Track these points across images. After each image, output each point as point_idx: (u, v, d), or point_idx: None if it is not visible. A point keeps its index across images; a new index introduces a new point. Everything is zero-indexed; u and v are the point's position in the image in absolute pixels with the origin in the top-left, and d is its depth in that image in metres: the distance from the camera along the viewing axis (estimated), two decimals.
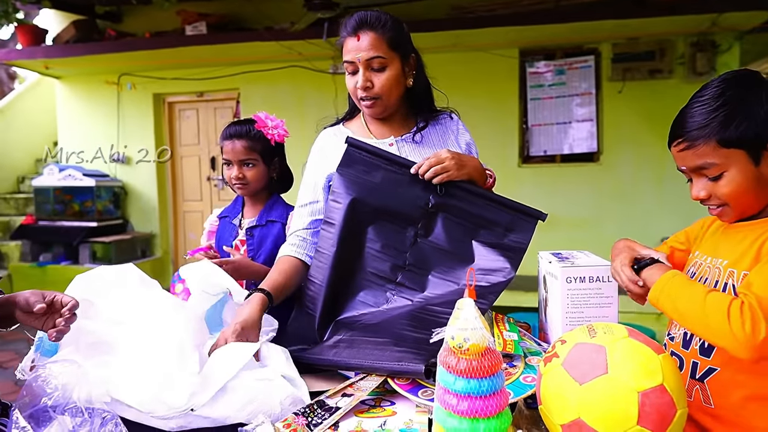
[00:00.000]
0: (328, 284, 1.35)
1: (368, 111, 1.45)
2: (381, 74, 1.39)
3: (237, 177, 1.65)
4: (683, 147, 1.00)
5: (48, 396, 1.05)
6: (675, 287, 0.97)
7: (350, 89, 1.44)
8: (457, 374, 0.84)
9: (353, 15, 1.42)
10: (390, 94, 1.42)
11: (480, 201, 1.35)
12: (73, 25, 5.27)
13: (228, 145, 1.67)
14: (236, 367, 0.98)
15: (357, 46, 1.37)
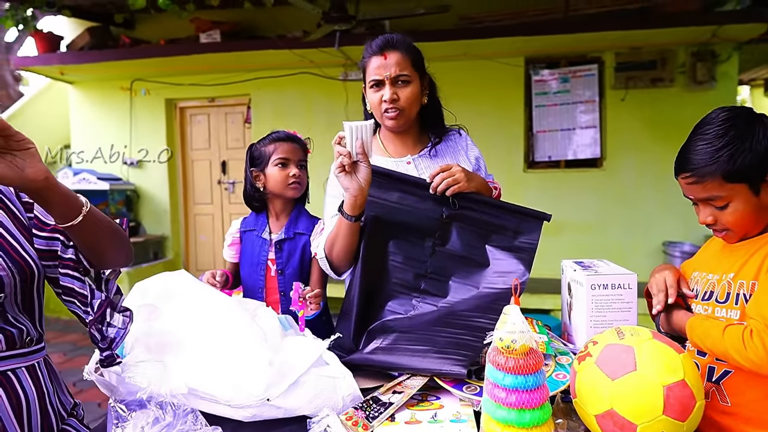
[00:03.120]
0: (359, 296, 1.47)
1: (391, 123, 1.58)
2: (405, 89, 1.54)
3: (297, 175, 1.71)
4: (691, 181, 1.13)
5: (134, 392, 1.18)
6: (699, 331, 1.13)
7: (374, 103, 1.57)
8: (506, 371, 0.97)
9: (378, 37, 1.57)
10: (412, 107, 1.57)
11: (489, 209, 1.48)
12: (87, 32, 5.39)
13: (287, 146, 1.73)
14: (308, 363, 1.11)
15: (384, 64, 1.52)
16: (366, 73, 1.58)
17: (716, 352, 1.09)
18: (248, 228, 1.78)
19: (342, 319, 1.52)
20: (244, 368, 1.10)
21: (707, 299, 1.19)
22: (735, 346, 1.04)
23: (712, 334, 1.09)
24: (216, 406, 1.12)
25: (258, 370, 1.09)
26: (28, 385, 1.09)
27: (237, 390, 1.08)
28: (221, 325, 1.24)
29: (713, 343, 1.09)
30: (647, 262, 4.78)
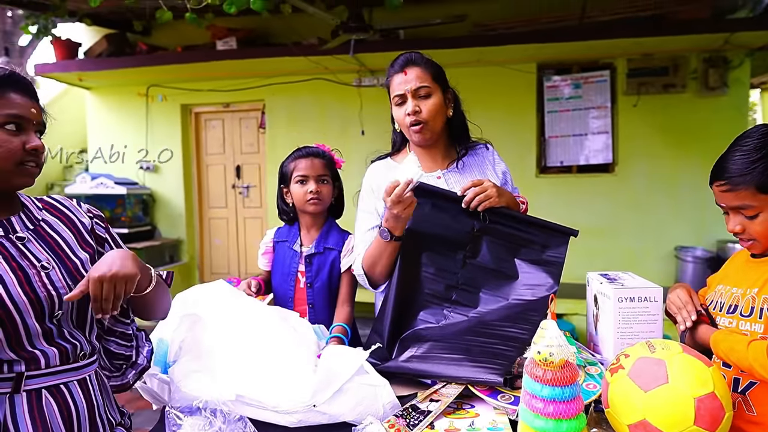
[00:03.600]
0: (393, 306, 1.53)
1: (417, 137, 1.63)
2: (427, 101, 1.60)
3: (315, 191, 1.73)
4: (725, 189, 1.18)
5: (182, 399, 1.24)
6: (723, 346, 1.18)
7: (400, 119, 1.64)
8: (544, 383, 1.03)
9: (399, 56, 1.64)
10: (435, 119, 1.62)
11: (518, 223, 1.53)
12: (105, 38, 5.48)
13: (305, 162, 1.75)
14: (351, 371, 1.17)
15: (405, 80, 1.59)
16: (390, 91, 1.64)
17: (741, 366, 1.14)
18: (281, 239, 1.83)
19: (376, 328, 1.58)
20: (290, 375, 1.16)
21: (731, 312, 1.24)
22: (759, 361, 1.09)
23: (737, 348, 1.14)
24: (263, 412, 1.18)
25: (304, 377, 1.15)
26: (79, 398, 1.13)
27: (284, 396, 1.14)
28: (264, 333, 1.30)
29: (738, 358, 1.14)
30: (659, 266, 4.81)
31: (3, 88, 1.09)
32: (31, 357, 1.05)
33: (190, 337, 1.35)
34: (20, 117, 1.10)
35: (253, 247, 5.99)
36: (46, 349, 1.08)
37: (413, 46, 4.59)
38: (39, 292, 1.07)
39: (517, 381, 1.30)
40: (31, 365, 1.05)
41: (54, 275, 1.11)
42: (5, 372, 1.03)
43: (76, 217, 1.26)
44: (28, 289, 1.06)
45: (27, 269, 1.09)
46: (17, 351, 1.04)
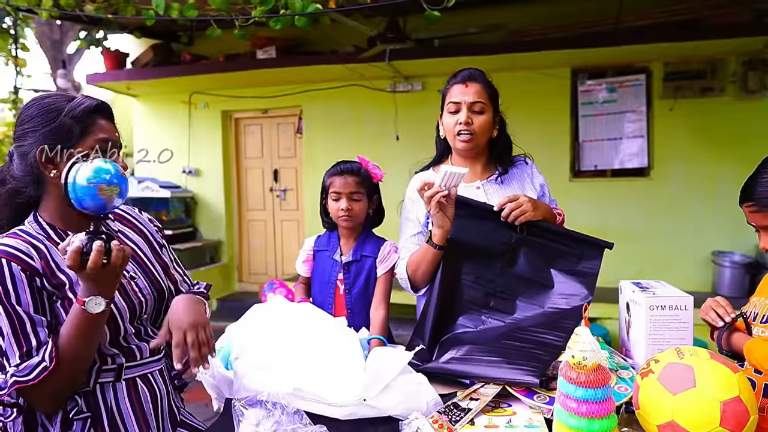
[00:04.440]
0: (435, 312, 1.63)
1: (462, 146, 1.74)
2: (480, 116, 1.71)
3: (346, 209, 1.80)
4: (754, 209, 1.25)
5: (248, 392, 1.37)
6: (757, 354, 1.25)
7: (449, 126, 1.75)
8: (578, 384, 1.12)
9: (464, 69, 1.76)
10: (483, 135, 1.74)
11: (554, 235, 1.62)
12: (151, 49, 5.74)
13: (339, 180, 1.82)
14: (397, 369, 1.28)
15: (465, 91, 1.71)
16: (446, 98, 1.76)
17: None
18: (321, 248, 1.91)
19: (417, 331, 1.69)
20: (342, 372, 1.28)
21: (765, 322, 1.30)
22: None
23: None
24: (317, 405, 1.29)
25: (355, 374, 1.27)
26: (161, 384, 1.32)
27: (337, 391, 1.25)
28: (318, 334, 1.42)
29: None
30: (695, 271, 4.77)
31: (93, 115, 1.20)
32: (128, 351, 1.23)
33: (252, 337, 1.48)
34: (109, 141, 1.22)
35: (289, 249, 6.18)
36: (139, 344, 1.24)
37: (448, 54, 4.70)
38: (133, 299, 1.23)
39: (551, 382, 1.38)
40: (129, 358, 1.22)
41: (140, 283, 1.27)
42: (109, 364, 1.20)
43: (144, 227, 1.42)
44: (126, 298, 1.23)
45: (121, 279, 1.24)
46: (118, 346, 1.21)
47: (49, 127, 1.16)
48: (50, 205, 1.22)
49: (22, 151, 1.18)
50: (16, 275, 1.09)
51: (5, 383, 1.05)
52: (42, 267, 1.13)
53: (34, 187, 1.20)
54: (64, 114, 1.16)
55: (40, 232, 1.19)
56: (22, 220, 1.23)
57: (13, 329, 1.07)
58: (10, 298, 1.07)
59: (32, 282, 1.10)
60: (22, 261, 1.11)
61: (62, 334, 1.11)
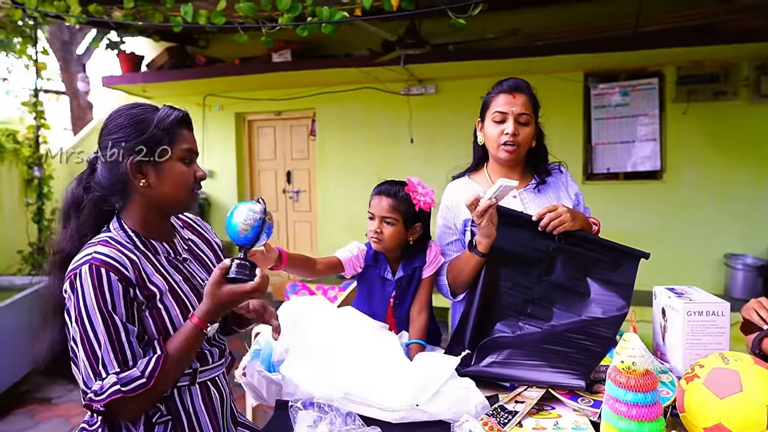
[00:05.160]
0: (475, 317, 1.68)
1: (506, 156, 1.78)
2: (525, 128, 1.75)
3: (375, 231, 1.74)
4: None
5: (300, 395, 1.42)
6: None
7: (493, 135, 1.78)
8: (627, 389, 1.16)
9: (509, 78, 1.79)
10: (525, 146, 1.78)
11: (590, 244, 1.67)
12: (166, 51, 5.79)
13: (375, 200, 1.77)
14: (447, 374, 1.32)
15: (513, 102, 1.74)
16: (490, 106, 1.79)
17: None
18: (370, 263, 1.82)
19: (456, 336, 1.73)
20: (394, 377, 1.33)
21: None
22: None
23: None
24: (368, 409, 1.34)
25: (408, 379, 1.31)
26: (225, 387, 1.38)
27: (389, 395, 1.30)
28: (362, 338, 1.47)
29: None
30: (708, 273, 4.81)
31: (179, 126, 1.25)
32: (202, 356, 1.28)
33: (296, 340, 1.53)
34: (192, 151, 1.28)
35: (302, 250, 6.22)
36: (210, 349, 1.30)
37: (463, 58, 4.74)
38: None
39: (594, 386, 1.43)
40: (202, 362, 1.27)
41: None
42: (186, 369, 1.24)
43: (209, 236, 1.46)
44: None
45: (199, 288, 1.29)
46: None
47: (140, 138, 1.19)
48: (135, 213, 1.25)
49: (109, 161, 1.21)
50: (113, 285, 1.11)
51: (102, 389, 1.07)
52: (135, 277, 1.16)
53: (121, 195, 1.23)
54: (154, 126, 1.20)
55: (128, 240, 1.23)
56: (103, 226, 1.26)
57: (109, 337, 1.10)
58: (108, 306, 1.10)
59: (126, 292, 1.14)
60: (119, 271, 1.13)
61: (171, 351, 1.15)
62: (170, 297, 1.22)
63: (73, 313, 1.10)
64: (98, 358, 1.09)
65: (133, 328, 1.14)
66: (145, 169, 1.21)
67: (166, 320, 1.20)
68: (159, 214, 1.29)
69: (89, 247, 1.16)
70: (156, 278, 1.21)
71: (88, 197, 1.24)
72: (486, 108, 1.82)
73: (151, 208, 1.26)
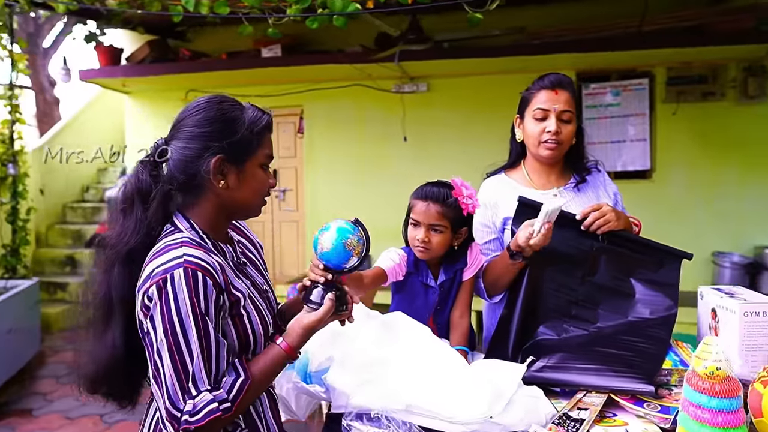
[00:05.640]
0: (519, 320, 1.62)
1: (548, 154, 1.73)
2: (568, 125, 1.71)
3: (422, 240, 1.62)
4: None
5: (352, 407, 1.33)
6: None
7: (534, 133, 1.73)
8: (711, 395, 1.12)
9: (550, 74, 1.74)
10: (568, 143, 1.74)
11: (633, 244, 1.63)
12: (147, 44, 5.56)
13: (421, 206, 1.64)
14: (515, 383, 1.26)
15: (555, 99, 1.69)
16: (531, 103, 1.73)
17: None
18: (411, 270, 1.71)
19: (496, 340, 1.67)
20: (464, 386, 1.25)
21: None
22: None
23: None
24: (434, 422, 1.26)
25: (478, 389, 1.24)
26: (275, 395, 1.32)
27: (459, 407, 1.23)
28: (422, 345, 1.39)
29: None
30: (696, 271, 4.88)
31: (266, 130, 1.20)
32: None
33: (342, 349, 1.44)
34: (271, 157, 1.22)
35: (289, 251, 6.09)
36: None
37: (459, 55, 4.70)
38: (271, 312, 1.20)
39: (658, 390, 1.39)
40: None
41: (271, 296, 1.23)
42: None
43: (252, 237, 1.38)
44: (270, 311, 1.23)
45: (262, 293, 1.22)
46: None
47: (231, 138, 1.12)
48: (204, 213, 1.17)
49: (189, 154, 1.12)
50: (209, 291, 1.02)
51: (195, 409, 0.98)
52: (224, 282, 1.08)
53: (191, 192, 1.15)
54: (247, 127, 1.15)
55: (203, 242, 1.14)
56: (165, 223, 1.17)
57: (202, 350, 1.00)
58: (204, 316, 1.01)
59: (217, 300, 1.05)
60: (213, 276, 1.04)
61: (256, 374, 1.08)
62: (249, 303, 1.14)
63: (160, 322, 0.99)
64: (189, 373, 0.99)
65: (224, 341, 1.05)
66: (227, 169, 1.13)
67: (248, 328, 1.12)
68: (226, 218, 1.21)
69: (173, 248, 1.06)
70: (237, 282, 1.13)
71: (157, 187, 1.13)
72: (526, 104, 1.77)
73: (222, 209, 1.18)
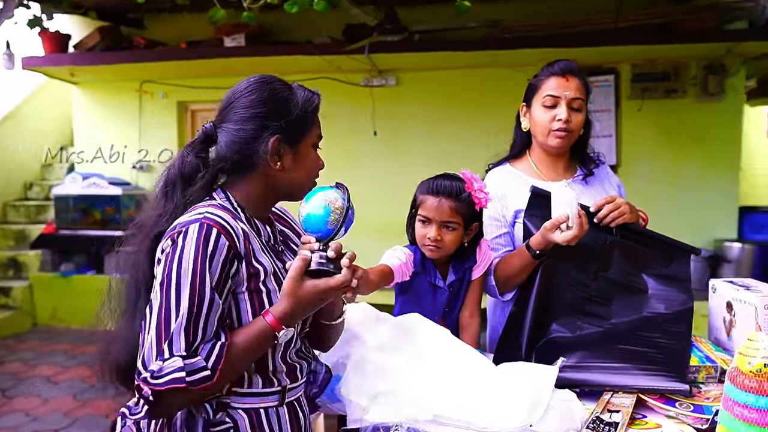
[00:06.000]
0: (532, 317, 1.55)
1: (557, 143, 1.66)
2: (578, 114, 1.64)
3: (434, 239, 1.51)
4: None
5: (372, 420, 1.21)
6: None
7: (543, 121, 1.66)
8: (760, 393, 1.06)
9: (561, 60, 1.66)
10: (577, 132, 1.68)
11: (644, 238, 1.59)
12: (98, 31, 5.21)
13: (432, 202, 1.53)
14: (550, 387, 1.17)
15: (565, 86, 1.62)
16: (539, 90, 1.66)
17: None
18: (418, 270, 1.60)
19: (505, 339, 1.59)
20: (498, 393, 1.15)
21: None
22: None
23: None
24: None
25: (514, 395, 1.14)
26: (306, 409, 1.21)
27: (495, 418, 1.13)
28: (444, 349, 1.28)
29: None
30: None
31: (317, 110, 1.16)
32: (291, 369, 1.13)
33: (355, 356, 1.32)
34: (321, 138, 1.19)
35: None
36: (299, 361, 1.17)
37: (429, 48, 4.62)
38: None
39: None
40: (290, 376, 1.13)
41: None
42: (275, 386, 1.10)
43: (297, 227, 1.30)
44: None
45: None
46: (286, 362, 1.12)
47: (286, 119, 1.10)
48: (248, 190, 1.14)
49: (243, 135, 1.09)
50: (219, 247, 0.99)
51: (160, 371, 0.92)
52: (244, 249, 1.04)
53: (241, 171, 1.12)
54: (301, 107, 1.13)
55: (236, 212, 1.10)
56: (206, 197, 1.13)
57: (190, 310, 0.96)
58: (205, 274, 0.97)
59: (230, 263, 1.01)
60: (230, 236, 1.01)
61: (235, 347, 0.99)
62: (273, 280, 1.08)
63: (160, 274, 0.98)
64: (169, 332, 0.95)
65: (219, 302, 0.99)
66: (284, 150, 1.12)
67: (267, 304, 1.05)
68: (273, 198, 1.19)
69: (197, 209, 1.04)
70: (262, 256, 1.08)
71: (205, 169, 1.11)
72: (534, 91, 1.70)
73: (270, 190, 1.15)
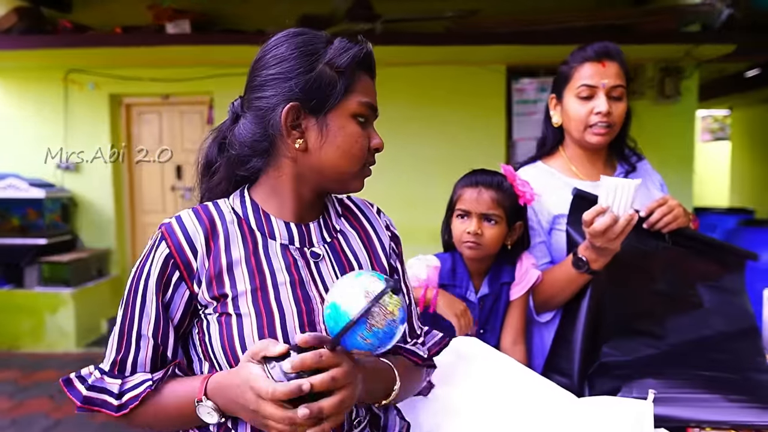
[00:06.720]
0: (583, 340, 1.33)
1: (598, 140, 1.45)
2: (619, 104, 1.43)
3: (474, 233, 1.36)
4: None
5: None
6: None
7: (579, 114, 1.43)
8: None
9: (594, 43, 1.43)
10: (620, 124, 1.47)
11: (698, 245, 1.41)
12: (15, 12, 4.56)
13: (471, 193, 1.39)
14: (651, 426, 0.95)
15: (603, 72, 1.40)
16: (572, 78, 1.43)
17: None
18: (445, 282, 1.43)
19: (555, 364, 1.36)
20: None
21: None
22: None
23: None
24: None
25: None
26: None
27: None
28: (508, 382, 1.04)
29: None
30: None
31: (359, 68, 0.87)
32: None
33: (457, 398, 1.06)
34: (372, 107, 0.90)
35: None
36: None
37: (391, 42, 4.36)
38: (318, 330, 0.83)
39: None
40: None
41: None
42: None
43: (376, 234, 0.99)
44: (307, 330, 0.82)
45: (313, 302, 0.85)
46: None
47: (305, 76, 0.84)
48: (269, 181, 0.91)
49: (260, 106, 0.87)
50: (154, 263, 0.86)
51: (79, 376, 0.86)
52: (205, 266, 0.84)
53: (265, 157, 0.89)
54: (326, 61, 0.85)
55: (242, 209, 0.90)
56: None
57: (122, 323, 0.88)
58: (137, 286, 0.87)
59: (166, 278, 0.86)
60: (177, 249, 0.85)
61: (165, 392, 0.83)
62: (250, 301, 0.83)
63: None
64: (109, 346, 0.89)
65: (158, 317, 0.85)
66: (305, 122, 0.85)
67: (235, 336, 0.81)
68: (311, 193, 0.92)
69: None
70: (239, 271, 0.85)
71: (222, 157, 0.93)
72: (566, 81, 1.47)
73: (303, 182, 0.90)
